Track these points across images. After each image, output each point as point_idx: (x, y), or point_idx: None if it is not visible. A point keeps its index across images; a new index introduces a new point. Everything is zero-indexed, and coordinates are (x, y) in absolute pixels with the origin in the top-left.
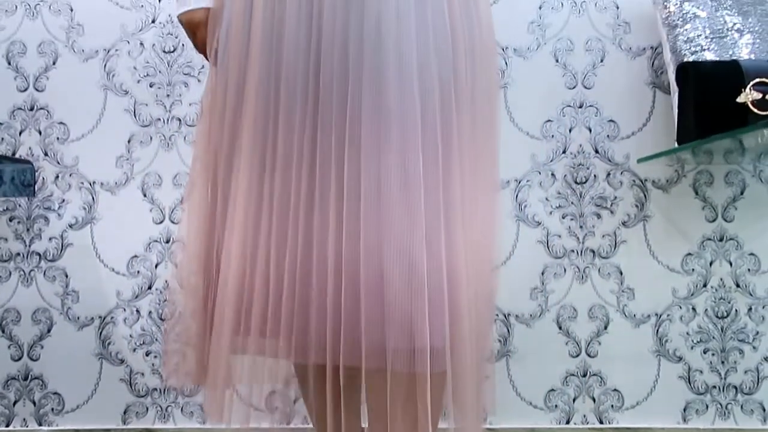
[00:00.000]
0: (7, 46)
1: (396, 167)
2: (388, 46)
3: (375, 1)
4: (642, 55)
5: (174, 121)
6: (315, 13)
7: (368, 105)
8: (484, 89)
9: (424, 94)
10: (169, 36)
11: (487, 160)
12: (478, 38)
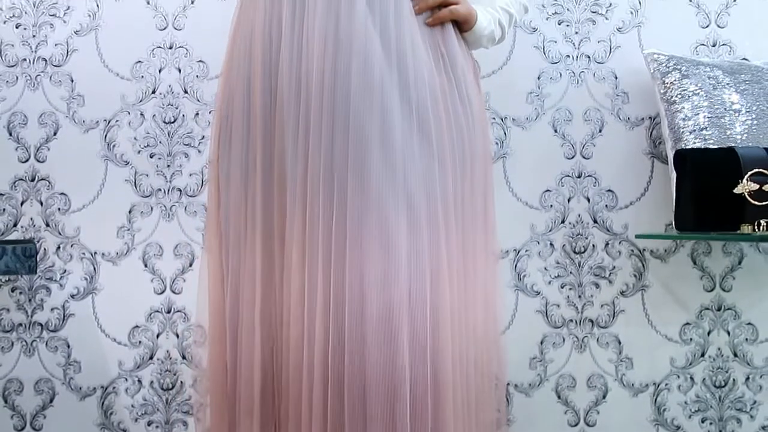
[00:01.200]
0: (8, 117)
1: (377, 236)
2: (373, 118)
3: (361, 80)
4: (640, 125)
5: (175, 192)
6: (303, 97)
7: (353, 184)
8: (472, 160)
9: (407, 167)
10: (170, 107)
11: (478, 229)
12: (463, 113)
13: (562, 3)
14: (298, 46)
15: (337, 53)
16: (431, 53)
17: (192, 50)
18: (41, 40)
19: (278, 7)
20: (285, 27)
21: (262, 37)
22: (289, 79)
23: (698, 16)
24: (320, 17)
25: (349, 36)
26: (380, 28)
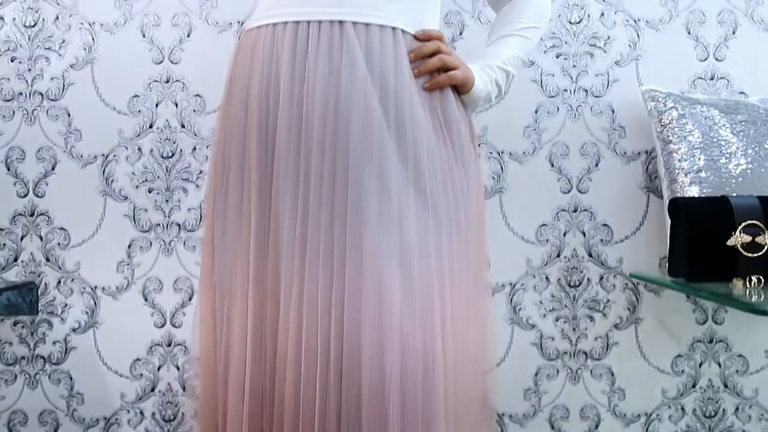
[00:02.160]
0: (5, 152)
1: (373, 291)
2: (372, 178)
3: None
4: (636, 160)
5: (173, 227)
6: (302, 154)
7: (350, 240)
8: (467, 222)
9: (403, 222)
10: (167, 141)
11: (471, 285)
12: (458, 176)
13: (560, 36)
14: (298, 108)
15: (337, 116)
16: (429, 116)
17: (189, 84)
18: (37, 73)
19: (276, 64)
20: (284, 85)
21: (259, 93)
22: (288, 141)
23: (696, 50)
24: (321, 78)
25: (349, 99)
26: (380, 90)
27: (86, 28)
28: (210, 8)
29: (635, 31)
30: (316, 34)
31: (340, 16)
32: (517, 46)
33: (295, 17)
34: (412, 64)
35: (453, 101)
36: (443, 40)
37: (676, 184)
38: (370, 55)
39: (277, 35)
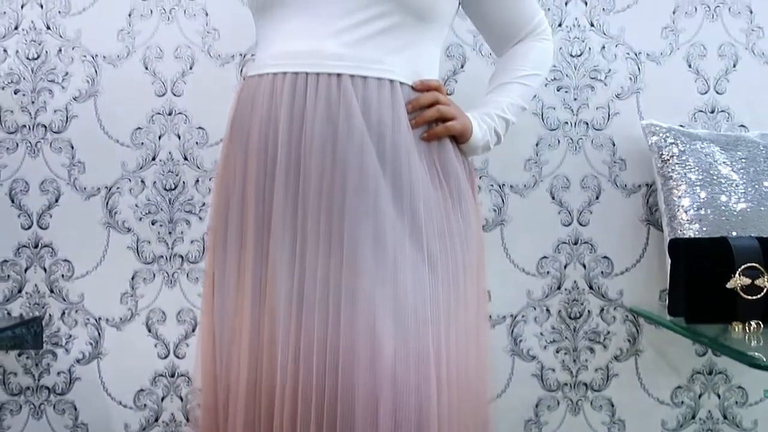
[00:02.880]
0: (9, 184)
1: (366, 342)
2: (367, 227)
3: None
4: (637, 192)
5: (177, 259)
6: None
7: (345, 292)
8: (465, 271)
9: (398, 272)
10: (170, 174)
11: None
12: (456, 224)
13: (561, 69)
14: (295, 159)
15: (334, 168)
16: (427, 167)
17: (191, 117)
18: (40, 106)
19: (275, 115)
20: (282, 136)
21: (258, 143)
22: (285, 193)
23: (697, 83)
24: (318, 130)
25: (346, 151)
26: (377, 142)
27: (89, 60)
28: (212, 41)
29: (636, 64)
30: (314, 86)
31: (338, 69)
32: (517, 94)
33: (295, 68)
34: (410, 114)
35: (451, 151)
36: (442, 90)
37: (676, 221)
38: (367, 107)
39: (276, 85)
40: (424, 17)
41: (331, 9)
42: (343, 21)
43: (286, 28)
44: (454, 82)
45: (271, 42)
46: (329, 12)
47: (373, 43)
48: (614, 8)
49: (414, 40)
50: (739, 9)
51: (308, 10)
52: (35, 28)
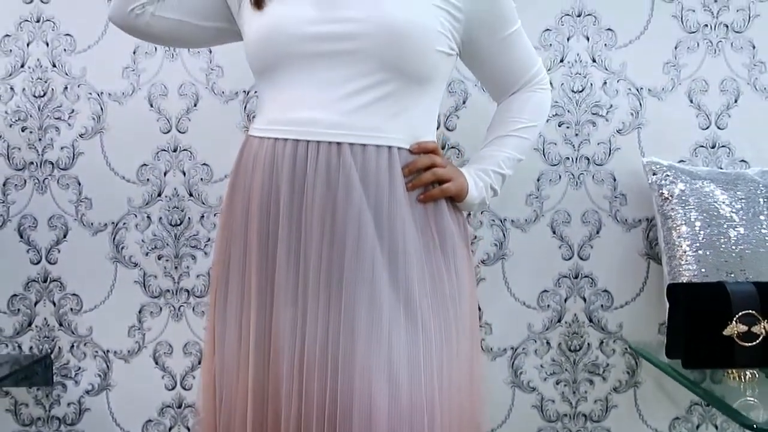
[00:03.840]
0: (18, 220)
1: (362, 409)
2: (364, 296)
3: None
4: (637, 227)
5: (183, 293)
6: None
7: (342, 358)
8: (458, 333)
9: (392, 339)
10: (175, 209)
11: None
12: (449, 288)
13: (563, 105)
14: (296, 230)
15: (333, 238)
16: (422, 230)
17: (196, 153)
18: (47, 143)
19: (277, 179)
20: (283, 206)
21: (260, 211)
22: (287, 262)
23: (699, 118)
24: (319, 197)
25: (345, 222)
26: (374, 212)
27: (95, 98)
28: (216, 78)
29: (637, 100)
30: (314, 154)
31: (338, 137)
32: (514, 147)
33: (295, 135)
34: (407, 177)
35: (446, 211)
36: (438, 152)
37: (675, 261)
38: (365, 176)
39: (277, 151)
40: (421, 81)
41: (331, 76)
42: (343, 88)
43: (286, 93)
44: (455, 117)
45: (272, 105)
46: (329, 78)
47: (372, 110)
48: (616, 44)
49: (412, 103)
50: (741, 44)
51: (308, 76)
52: (41, 66)
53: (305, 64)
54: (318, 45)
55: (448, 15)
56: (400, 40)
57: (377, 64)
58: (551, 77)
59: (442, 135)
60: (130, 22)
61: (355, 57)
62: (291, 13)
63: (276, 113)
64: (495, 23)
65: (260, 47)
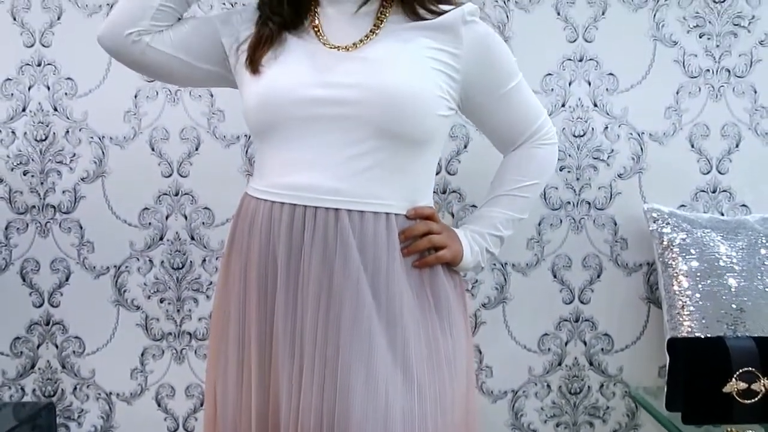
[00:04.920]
0: (21, 264)
1: None
2: (360, 364)
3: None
4: (638, 271)
5: (185, 336)
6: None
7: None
8: (453, 398)
9: (389, 405)
10: (177, 253)
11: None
12: (445, 353)
13: (564, 149)
14: (294, 291)
15: (329, 306)
16: (418, 295)
17: (198, 197)
18: (49, 187)
19: (274, 244)
20: (281, 269)
21: (258, 277)
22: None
23: (700, 162)
24: (316, 264)
25: (342, 290)
26: (372, 279)
27: (96, 141)
28: (217, 122)
29: (639, 144)
30: (312, 220)
31: (335, 204)
32: (513, 207)
33: (293, 200)
34: (403, 243)
35: (441, 275)
36: (434, 218)
37: (676, 310)
38: (363, 243)
39: (274, 215)
40: (420, 144)
41: (329, 140)
42: (341, 153)
43: (284, 156)
44: (457, 162)
45: (271, 167)
46: (327, 142)
47: (370, 175)
48: (618, 88)
49: (410, 166)
50: (743, 89)
51: (306, 139)
52: (43, 109)
53: (303, 128)
54: (316, 109)
55: (446, 76)
56: (399, 107)
57: (375, 130)
58: (553, 122)
59: (443, 180)
60: (124, 47)
61: (353, 122)
62: (288, 76)
63: (274, 176)
64: (494, 79)
65: (258, 111)
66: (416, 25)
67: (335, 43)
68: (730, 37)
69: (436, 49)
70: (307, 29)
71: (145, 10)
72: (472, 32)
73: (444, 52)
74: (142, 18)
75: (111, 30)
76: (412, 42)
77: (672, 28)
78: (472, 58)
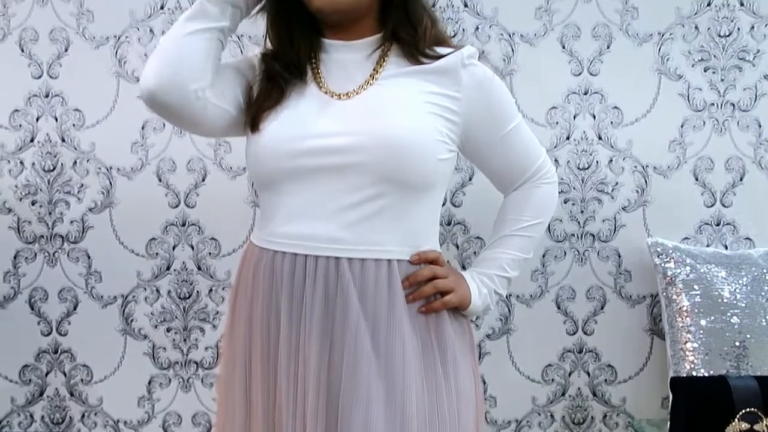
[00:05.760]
0: (29, 292)
1: None
2: (359, 411)
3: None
4: (641, 303)
5: (191, 365)
6: None
7: None
8: None
9: None
10: (184, 283)
11: None
12: (448, 403)
13: (569, 182)
14: (296, 339)
15: (331, 357)
16: (421, 341)
17: (204, 227)
18: (57, 217)
19: (277, 293)
20: (284, 318)
21: (262, 317)
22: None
23: (704, 195)
24: (317, 313)
25: (342, 341)
26: (372, 329)
27: (104, 172)
28: (224, 153)
29: (643, 177)
30: (313, 269)
31: (335, 252)
32: (518, 247)
33: (294, 249)
34: (407, 290)
35: (447, 321)
36: (439, 261)
37: (679, 345)
38: (363, 292)
39: (276, 264)
40: (422, 189)
41: (329, 189)
42: (342, 201)
43: (286, 206)
44: (462, 194)
45: (273, 216)
46: (327, 191)
47: (371, 223)
48: (622, 122)
49: (412, 211)
50: (747, 123)
51: (307, 189)
52: (51, 140)
53: (302, 178)
54: (313, 159)
55: (445, 120)
56: (398, 154)
57: (375, 177)
58: (557, 154)
59: (447, 211)
60: (188, 104)
61: (352, 170)
62: (285, 129)
63: (276, 225)
64: (493, 122)
65: (257, 166)
66: (415, 70)
67: (335, 90)
68: (734, 71)
69: (436, 93)
70: (308, 76)
71: (208, 60)
72: (471, 75)
73: (443, 96)
74: (205, 69)
75: (171, 82)
76: (411, 87)
77: (677, 61)
78: (471, 101)
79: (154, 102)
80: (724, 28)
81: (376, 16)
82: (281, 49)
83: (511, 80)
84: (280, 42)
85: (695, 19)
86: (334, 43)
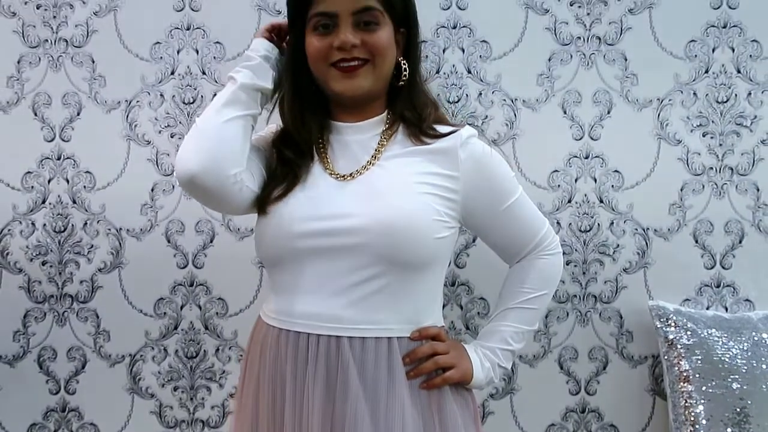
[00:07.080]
0: (38, 352)
1: None
2: None
3: None
4: (643, 364)
5: (198, 424)
6: None
7: None
8: None
9: None
10: (191, 342)
11: None
12: None
13: (571, 244)
14: (299, 416)
15: (333, 428)
16: (423, 418)
17: (212, 288)
18: (67, 277)
19: (281, 370)
20: (288, 394)
21: (268, 392)
22: None
23: (704, 258)
24: (319, 391)
25: (342, 413)
26: (371, 406)
27: (113, 233)
28: (232, 216)
29: (644, 240)
30: (315, 347)
31: (336, 331)
32: (522, 320)
33: (297, 327)
34: (407, 366)
35: (449, 396)
36: (440, 337)
37: (679, 409)
38: (363, 369)
39: (281, 342)
40: (422, 268)
41: (330, 270)
42: (343, 281)
43: (291, 285)
44: (466, 255)
45: (279, 294)
46: (328, 272)
47: (371, 302)
48: (623, 185)
49: (412, 289)
50: (746, 187)
51: (310, 270)
52: (62, 202)
53: (305, 259)
54: (316, 241)
55: (443, 199)
56: (395, 236)
57: (375, 258)
58: (559, 217)
59: (451, 272)
60: (226, 188)
61: (353, 251)
62: (289, 212)
63: (282, 303)
64: (494, 197)
65: (265, 246)
66: (416, 150)
67: (340, 171)
68: (732, 136)
69: (434, 174)
70: (315, 158)
71: (245, 145)
72: (468, 153)
73: (442, 175)
74: (243, 154)
75: (213, 167)
76: (410, 167)
77: (676, 126)
78: (469, 179)
79: (193, 184)
80: (721, 94)
81: (384, 98)
82: (293, 128)
83: (513, 144)
84: (293, 122)
85: (694, 86)
86: (343, 126)
